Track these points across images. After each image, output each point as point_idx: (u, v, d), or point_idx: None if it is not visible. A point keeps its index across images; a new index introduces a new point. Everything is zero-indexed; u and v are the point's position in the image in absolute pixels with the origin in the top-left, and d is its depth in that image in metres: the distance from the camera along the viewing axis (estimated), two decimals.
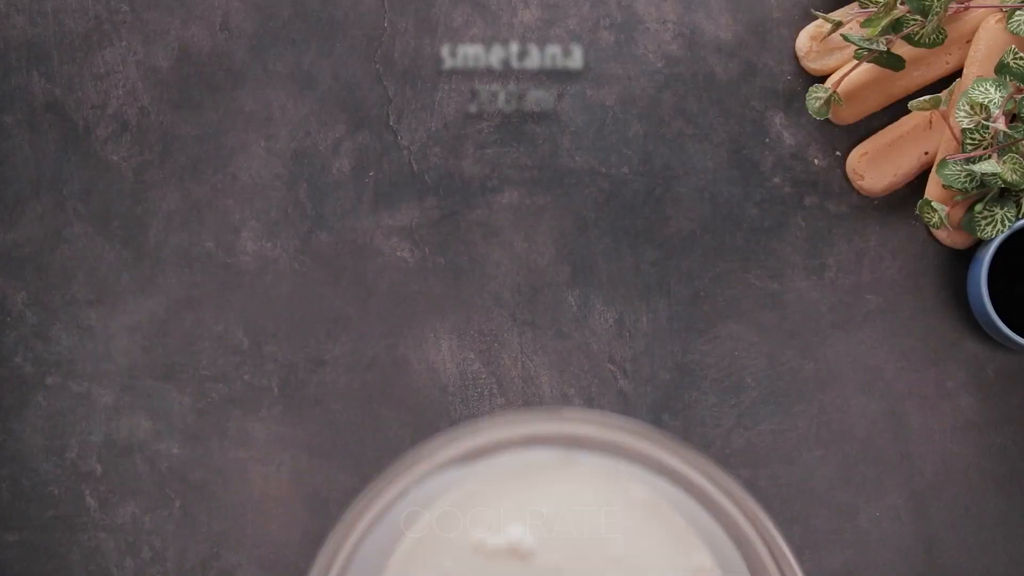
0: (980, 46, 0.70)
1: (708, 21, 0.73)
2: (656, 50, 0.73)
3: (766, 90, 0.73)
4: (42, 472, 0.72)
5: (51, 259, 0.73)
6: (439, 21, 0.73)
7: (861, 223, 0.73)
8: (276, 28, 0.74)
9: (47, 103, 0.74)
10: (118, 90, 0.74)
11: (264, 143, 0.73)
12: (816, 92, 0.70)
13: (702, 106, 0.73)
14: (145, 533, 0.72)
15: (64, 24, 0.74)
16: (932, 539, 0.72)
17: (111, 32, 0.74)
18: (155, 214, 0.73)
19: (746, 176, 0.73)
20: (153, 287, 0.73)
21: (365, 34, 0.73)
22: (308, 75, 0.73)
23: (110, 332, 0.73)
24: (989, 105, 0.66)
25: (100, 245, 0.73)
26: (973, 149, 0.68)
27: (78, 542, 0.72)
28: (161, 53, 0.74)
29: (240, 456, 0.72)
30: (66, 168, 0.73)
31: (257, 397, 0.72)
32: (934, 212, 0.69)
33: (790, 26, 0.73)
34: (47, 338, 0.73)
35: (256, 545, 0.72)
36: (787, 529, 0.72)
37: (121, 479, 0.72)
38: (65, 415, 0.73)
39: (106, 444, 0.72)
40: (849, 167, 0.72)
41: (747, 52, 0.73)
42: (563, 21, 0.73)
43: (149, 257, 0.73)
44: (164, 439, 0.72)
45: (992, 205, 0.69)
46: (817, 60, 0.72)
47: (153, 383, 0.73)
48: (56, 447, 0.72)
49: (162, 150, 0.73)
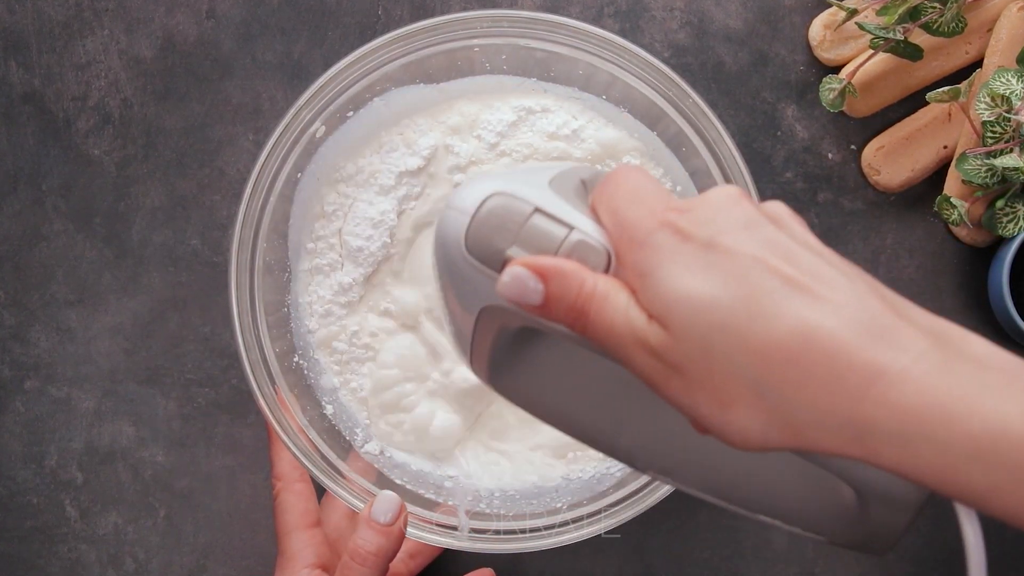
0: (1001, 35, 0.69)
1: (717, 9, 0.71)
2: (663, 39, 0.71)
3: (778, 81, 0.71)
4: (20, 480, 0.71)
5: (29, 258, 0.71)
6: (435, 8, 0.71)
7: (877, 220, 0.71)
8: (265, 16, 0.71)
9: (25, 94, 0.71)
10: (100, 81, 0.71)
11: (252, 136, 0.71)
12: (830, 83, 0.69)
13: (711, 97, 0.71)
14: (128, 544, 0.71)
15: (43, 12, 0.71)
16: (952, 551, 0.70)
17: (92, 20, 0.71)
18: (138, 210, 0.71)
19: (757, 171, 0.71)
20: (136, 287, 0.71)
21: (358, 22, 0.71)
22: (299, 65, 0.71)
23: (91, 334, 0.71)
24: (1011, 97, 0.65)
25: (81, 243, 0.71)
26: (994, 143, 0.66)
27: (58, 554, 0.71)
28: (145, 42, 0.71)
29: (227, 463, 0.71)
30: (45, 162, 0.71)
31: (245, 402, 0.71)
32: (953, 208, 0.68)
33: (803, 14, 0.71)
34: (25, 340, 0.71)
35: (244, 556, 0.71)
36: (800, 542, 0.70)
37: (103, 488, 0.71)
38: (44, 421, 0.71)
39: (87, 451, 0.71)
40: (864, 161, 0.71)
41: (758, 41, 0.71)
42: (566, 9, 0.71)
43: (132, 255, 0.71)
44: (148, 446, 0.71)
45: (1014, 201, 0.68)
46: (831, 50, 0.70)
47: (136, 387, 0.71)
48: (35, 454, 0.71)
49: (146, 143, 0.71)
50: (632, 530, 0.70)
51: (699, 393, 0.37)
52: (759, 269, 0.37)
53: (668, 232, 0.38)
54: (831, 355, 0.35)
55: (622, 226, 0.39)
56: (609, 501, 0.62)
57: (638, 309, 0.38)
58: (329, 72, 0.62)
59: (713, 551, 0.70)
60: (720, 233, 0.37)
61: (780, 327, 0.36)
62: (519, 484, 0.66)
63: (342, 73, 0.62)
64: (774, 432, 0.37)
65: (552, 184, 0.42)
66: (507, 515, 0.63)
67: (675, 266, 0.37)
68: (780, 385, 0.36)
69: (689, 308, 0.37)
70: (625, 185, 0.40)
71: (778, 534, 0.70)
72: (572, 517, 0.62)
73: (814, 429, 0.36)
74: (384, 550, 0.57)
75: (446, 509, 0.63)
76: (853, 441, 0.36)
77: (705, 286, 0.37)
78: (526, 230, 0.40)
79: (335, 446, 0.63)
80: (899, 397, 0.35)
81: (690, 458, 0.46)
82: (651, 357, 0.38)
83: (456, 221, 0.41)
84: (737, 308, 0.36)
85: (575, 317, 0.39)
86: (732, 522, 0.70)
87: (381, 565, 0.57)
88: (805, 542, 0.70)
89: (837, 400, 0.35)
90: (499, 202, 0.41)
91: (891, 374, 0.35)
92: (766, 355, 0.36)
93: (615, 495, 0.62)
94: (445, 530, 0.61)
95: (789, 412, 0.36)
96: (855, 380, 0.35)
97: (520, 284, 0.39)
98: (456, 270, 0.41)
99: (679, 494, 0.61)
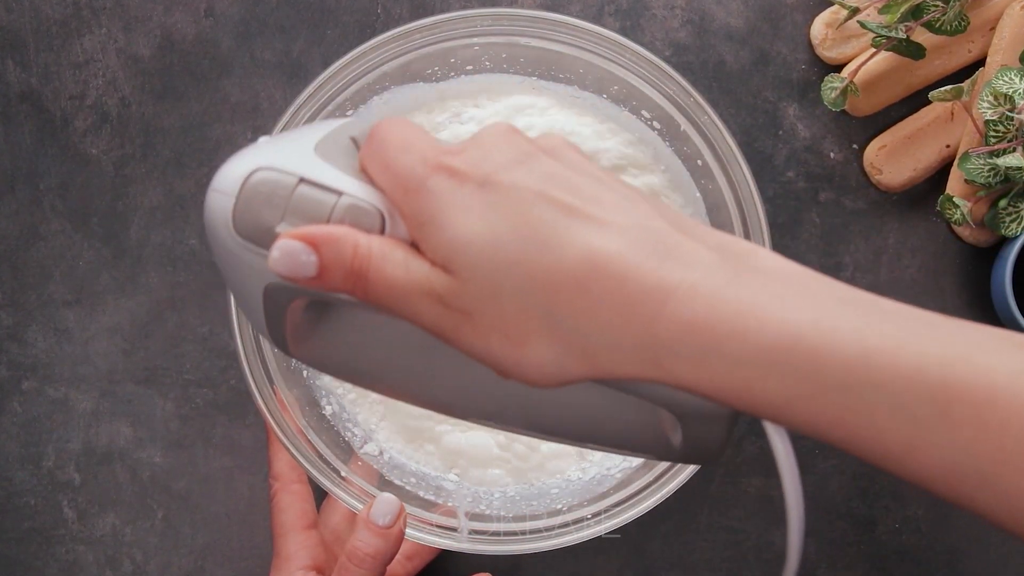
0: (1004, 33, 0.68)
1: (718, 7, 0.71)
2: (664, 37, 0.71)
3: (779, 80, 0.71)
4: (17, 482, 0.70)
5: (27, 257, 0.71)
6: (435, 7, 0.71)
7: (879, 220, 0.70)
8: (264, 14, 0.71)
9: (22, 93, 0.71)
10: (97, 80, 0.71)
11: (251, 135, 0.71)
12: (832, 82, 0.68)
13: (712, 96, 0.70)
14: (126, 545, 0.70)
15: (40, 10, 0.71)
16: (954, 551, 0.70)
17: (90, 18, 0.71)
18: (136, 210, 0.71)
19: (758, 170, 0.70)
20: (134, 287, 0.70)
21: (357, 21, 0.71)
22: (297, 63, 0.71)
23: (89, 334, 0.70)
24: (1014, 96, 0.65)
25: (78, 243, 0.71)
26: (997, 142, 0.66)
27: (55, 555, 0.70)
28: (143, 41, 0.71)
29: (226, 464, 0.70)
30: (43, 162, 0.71)
31: (243, 402, 0.70)
32: (956, 208, 0.68)
33: (804, 12, 0.71)
34: (23, 340, 0.70)
35: (242, 557, 0.70)
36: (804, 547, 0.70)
37: (101, 489, 0.70)
38: (42, 422, 0.70)
39: (85, 452, 0.70)
40: (866, 161, 0.70)
41: (759, 40, 0.71)
42: (566, 7, 0.71)
43: (130, 255, 0.71)
44: (146, 447, 0.70)
45: (1017, 201, 0.67)
46: (833, 48, 0.70)
47: (134, 388, 0.70)
48: (32, 455, 0.70)
49: (144, 143, 0.71)
50: (632, 531, 0.69)
51: (492, 335, 0.36)
52: (539, 202, 0.36)
53: (443, 176, 0.37)
54: (620, 278, 0.35)
55: (396, 177, 0.38)
56: (609, 503, 0.62)
57: (419, 260, 0.37)
58: (328, 71, 0.62)
59: (714, 552, 0.70)
60: (496, 171, 0.37)
61: (567, 256, 0.35)
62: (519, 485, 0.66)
63: (341, 72, 0.62)
64: (571, 363, 0.36)
65: (318, 149, 0.41)
66: (507, 516, 0.63)
67: (454, 209, 0.36)
68: (572, 314, 0.35)
69: (474, 250, 0.36)
70: (392, 136, 0.39)
71: (779, 535, 0.70)
72: (572, 519, 0.61)
73: (610, 354, 0.35)
74: (382, 552, 0.56)
75: (446, 510, 0.62)
76: (649, 363, 0.35)
77: (487, 225, 0.36)
78: (293, 202, 0.39)
79: (334, 447, 0.63)
80: (689, 314, 0.34)
81: (506, 401, 0.45)
82: (438, 306, 0.37)
83: (221, 203, 0.40)
84: (522, 244, 0.35)
85: (354, 281, 0.38)
86: (733, 523, 0.70)
87: (379, 567, 0.56)
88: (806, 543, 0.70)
89: (629, 323, 0.35)
90: (261, 177, 0.39)
91: (680, 291, 0.34)
92: (555, 286, 0.35)
93: (615, 496, 0.62)
94: (445, 531, 0.61)
95: (583, 340, 0.35)
96: (645, 301, 0.35)
97: (291, 257, 0.38)
98: (229, 253, 0.40)
99: (679, 495, 0.61)
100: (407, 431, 0.66)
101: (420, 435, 0.66)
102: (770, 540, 0.70)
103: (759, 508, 0.70)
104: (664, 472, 0.61)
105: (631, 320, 0.35)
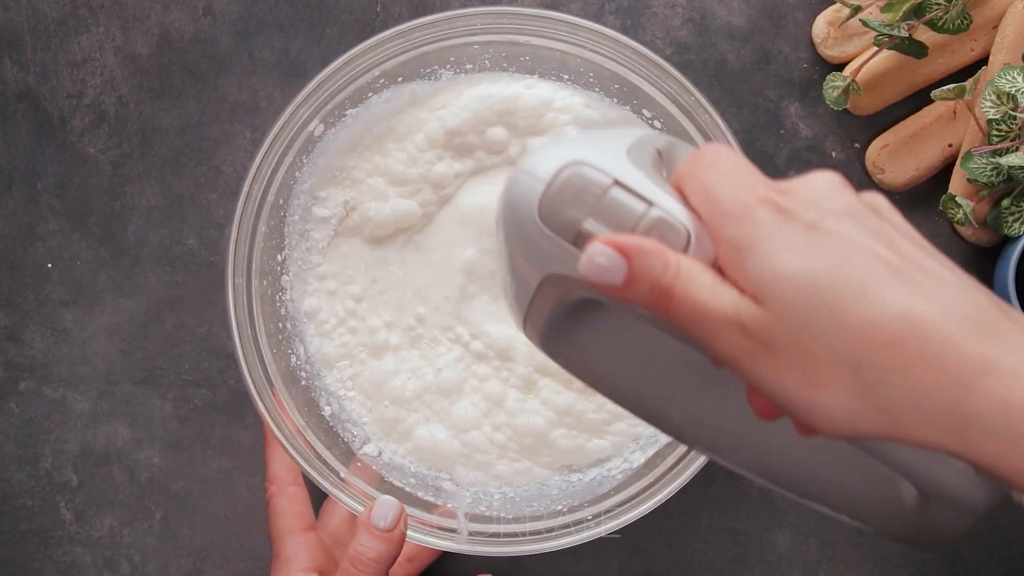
0: (1007, 32, 0.68)
1: (719, 5, 0.70)
2: (664, 36, 0.70)
3: (781, 79, 0.70)
4: (15, 483, 0.70)
5: (24, 257, 0.70)
6: (434, 5, 0.71)
7: None
8: (262, 13, 0.71)
9: (20, 92, 0.71)
10: (95, 78, 0.71)
11: (250, 134, 0.70)
12: (834, 81, 0.68)
13: (713, 95, 0.70)
14: (124, 547, 0.70)
15: (38, 8, 0.71)
16: (957, 554, 0.69)
17: (87, 17, 0.71)
18: (134, 209, 0.70)
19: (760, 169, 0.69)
20: (132, 287, 0.70)
21: (356, 19, 0.71)
22: (296, 62, 0.70)
23: (87, 334, 0.70)
24: (1017, 94, 0.65)
25: (76, 242, 0.70)
26: (1000, 141, 0.66)
27: (53, 557, 0.70)
28: (141, 39, 0.71)
29: (224, 465, 0.70)
30: (40, 161, 0.70)
31: (242, 403, 0.70)
32: (958, 207, 0.67)
33: (806, 11, 0.70)
34: (20, 341, 0.70)
35: (241, 559, 0.70)
36: (803, 543, 0.70)
37: (98, 490, 0.70)
38: (39, 422, 0.70)
39: (82, 453, 0.70)
40: (869, 160, 0.70)
41: (761, 38, 0.70)
42: (567, 5, 0.70)
43: (128, 255, 0.70)
44: (144, 448, 0.70)
45: (1020, 200, 0.67)
46: (835, 47, 0.70)
47: (132, 388, 0.70)
48: (29, 456, 0.70)
49: (142, 142, 0.70)
50: (633, 532, 0.69)
51: (789, 372, 0.36)
52: (865, 255, 0.36)
53: (771, 210, 0.37)
54: (938, 343, 0.35)
55: (716, 202, 0.38)
56: (610, 504, 0.61)
57: (727, 287, 0.37)
58: (327, 69, 0.61)
59: (716, 553, 0.70)
60: (824, 216, 0.36)
61: (887, 311, 0.35)
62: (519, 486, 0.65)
63: (340, 70, 0.62)
64: (865, 417, 0.36)
65: (630, 153, 0.40)
66: (507, 518, 0.62)
67: (777, 243, 0.36)
68: (880, 368, 0.35)
69: (792, 285, 0.36)
70: (718, 162, 0.39)
71: (780, 536, 0.70)
72: (573, 520, 0.61)
73: (910, 416, 0.35)
74: (384, 556, 0.56)
75: (445, 511, 0.62)
76: (951, 433, 0.35)
77: (809, 265, 0.36)
78: (604, 203, 0.39)
79: (333, 448, 0.62)
80: (1008, 392, 0.34)
81: (742, 439, 0.45)
82: (738, 334, 0.37)
83: (530, 186, 0.39)
84: (842, 290, 0.35)
85: (657, 298, 0.37)
86: (734, 524, 0.70)
87: (382, 571, 0.56)
88: (808, 544, 0.70)
89: (940, 388, 0.35)
90: (577, 171, 0.39)
91: (1000, 369, 0.34)
92: (869, 337, 0.35)
93: (616, 497, 0.62)
94: (444, 532, 0.61)
95: (885, 397, 0.35)
96: (962, 371, 0.34)
97: (603, 263, 0.37)
98: (524, 234, 0.40)
99: (680, 496, 0.60)
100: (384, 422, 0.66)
101: (395, 427, 0.66)
102: (771, 541, 0.70)
103: (760, 509, 0.70)
104: (665, 473, 0.61)
105: (942, 386, 0.35)
